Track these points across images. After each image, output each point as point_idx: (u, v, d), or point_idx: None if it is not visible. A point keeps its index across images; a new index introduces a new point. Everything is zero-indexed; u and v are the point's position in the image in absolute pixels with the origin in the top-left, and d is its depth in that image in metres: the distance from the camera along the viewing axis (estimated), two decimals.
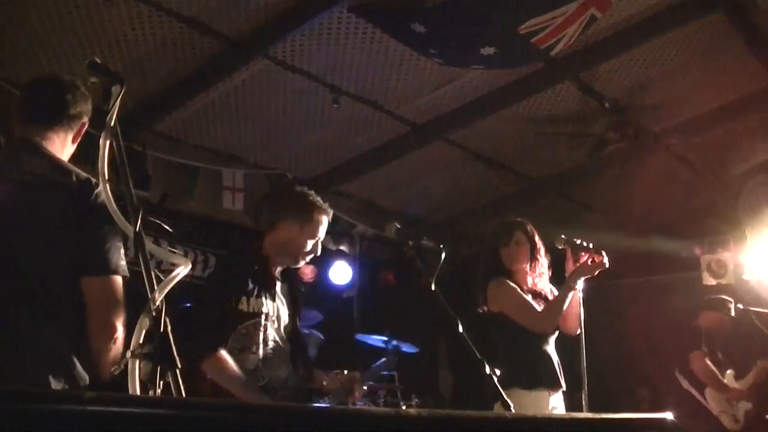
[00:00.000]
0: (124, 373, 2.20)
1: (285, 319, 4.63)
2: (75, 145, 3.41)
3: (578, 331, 5.22)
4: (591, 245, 5.30)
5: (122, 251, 3.10)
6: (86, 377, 3.03)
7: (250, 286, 4.41)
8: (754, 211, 8.92)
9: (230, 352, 4.22)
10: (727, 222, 9.39)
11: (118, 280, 3.08)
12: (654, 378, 9.60)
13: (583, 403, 5.06)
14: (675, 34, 6.88)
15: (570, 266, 5.29)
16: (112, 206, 2.46)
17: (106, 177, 2.47)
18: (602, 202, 10.12)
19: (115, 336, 3.02)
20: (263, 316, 4.39)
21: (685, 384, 7.54)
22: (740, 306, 7.74)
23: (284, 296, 4.69)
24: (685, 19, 6.65)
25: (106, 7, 5.72)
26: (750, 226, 8.99)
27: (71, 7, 5.69)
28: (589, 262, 5.23)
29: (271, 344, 4.42)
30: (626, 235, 7.99)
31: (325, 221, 4.80)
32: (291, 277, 4.83)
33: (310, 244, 4.67)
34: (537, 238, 5.55)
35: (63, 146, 3.31)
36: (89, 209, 3.05)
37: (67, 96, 3.30)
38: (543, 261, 5.55)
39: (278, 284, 4.64)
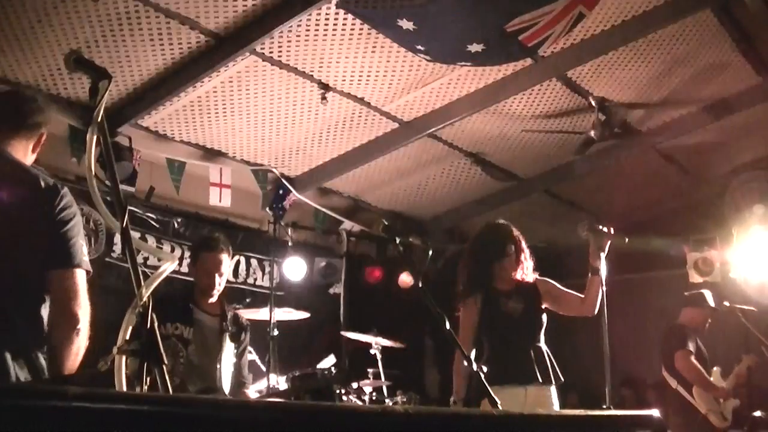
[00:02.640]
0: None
1: (213, 345, 5.41)
2: (35, 154, 3.63)
3: (594, 312, 5.37)
4: (612, 230, 5.41)
5: (85, 248, 3.33)
6: (45, 369, 3.18)
7: (168, 315, 5.21)
8: (739, 209, 8.97)
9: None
10: (714, 220, 9.43)
11: (81, 273, 3.27)
12: (639, 376, 9.64)
13: (606, 395, 5.14)
14: (662, 33, 6.89)
15: (593, 252, 5.42)
16: (99, 202, 2.46)
17: (93, 172, 2.46)
18: (588, 199, 10.14)
19: (77, 327, 3.20)
20: (174, 338, 5.20)
21: (673, 383, 7.56)
22: (726, 303, 7.78)
23: (216, 328, 5.45)
24: (672, 17, 6.66)
25: (92, 1, 5.70)
26: (736, 224, 9.03)
27: (57, 2, 5.67)
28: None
29: (181, 360, 5.16)
30: (606, 231, 8.00)
31: (215, 258, 5.50)
32: (223, 313, 5.59)
33: (205, 279, 5.47)
34: (522, 241, 5.66)
35: (25, 153, 3.53)
36: (55, 211, 3.27)
37: (25, 107, 3.58)
38: (528, 263, 5.66)
39: (207, 316, 5.48)
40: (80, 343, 3.20)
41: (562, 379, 5.43)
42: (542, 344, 5.54)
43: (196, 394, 5.05)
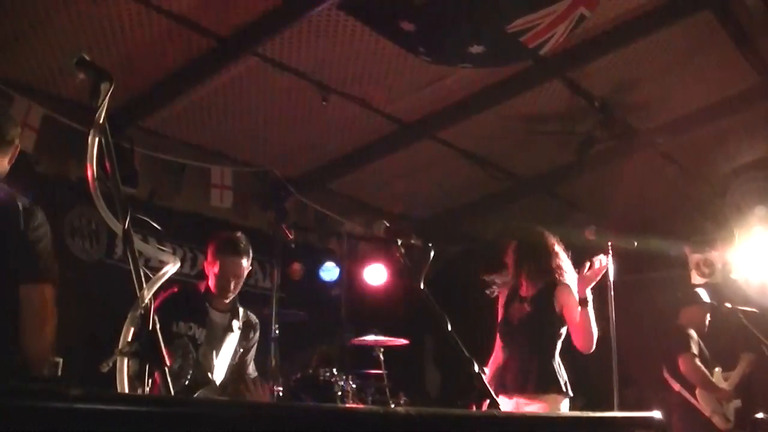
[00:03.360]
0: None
1: (220, 344, 5.34)
2: (9, 165, 3.79)
3: (591, 349, 5.37)
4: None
5: (55, 263, 3.60)
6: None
7: (181, 313, 5.18)
8: (740, 209, 8.95)
9: None
10: (714, 221, 9.41)
11: (49, 287, 3.54)
12: (640, 378, 9.63)
13: (615, 399, 5.16)
14: (663, 34, 6.89)
15: (582, 282, 5.44)
16: (101, 204, 2.46)
17: (95, 174, 2.46)
18: (589, 200, 10.13)
19: (44, 335, 3.48)
20: (186, 338, 5.12)
21: (676, 386, 7.56)
22: (728, 305, 7.77)
23: (223, 325, 5.42)
24: (672, 18, 6.66)
25: (94, 3, 5.71)
26: (737, 225, 9.02)
27: (59, 4, 5.67)
28: (587, 271, 5.38)
29: (189, 362, 5.05)
30: (613, 234, 8.04)
31: (235, 263, 5.39)
32: (235, 309, 5.53)
33: (223, 281, 5.36)
34: (513, 255, 5.77)
35: (1, 168, 3.70)
36: (29, 230, 3.52)
37: (4, 124, 3.75)
38: (526, 271, 5.74)
39: (218, 314, 5.40)
40: (46, 348, 3.47)
41: (565, 390, 5.40)
42: (545, 352, 5.51)
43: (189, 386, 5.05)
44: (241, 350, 5.47)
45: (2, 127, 3.72)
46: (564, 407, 5.42)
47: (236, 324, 5.44)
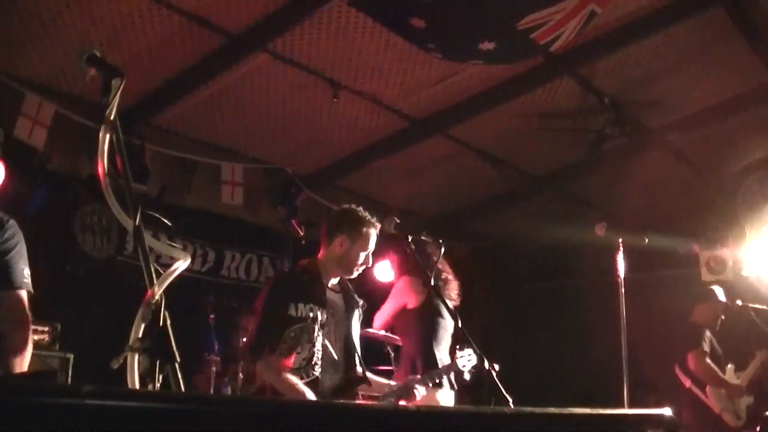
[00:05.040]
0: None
1: (342, 326, 4.94)
2: None
3: None
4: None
5: (27, 271, 3.75)
6: None
7: (300, 293, 4.75)
8: (752, 207, 8.93)
9: (281, 353, 4.60)
10: (726, 218, 9.39)
11: (23, 293, 3.70)
12: (652, 376, 9.62)
13: (624, 398, 5.18)
14: (674, 31, 6.87)
15: None
16: (112, 200, 2.46)
17: (106, 170, 2.46)
18: (600, 198, 10.11)
19: (23, 337, 3.67)
20: (310, 320, 4.69)
21: (687, 382, 7.55)
22: (739, 302, 7.76)
23: (342, 306, 5.01)
24: (684, 15, 6.64)
25: (105, 0, 5.72)
26: (748, 222, 9.00)
27: (71, 1, 5.69)
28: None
29: (318, 347, 4.71)
30: (624, 232, 8.02)
31: (373, 234, 5.00)
32: (346, 288, 5.12)
33: (362, 256, 4.93)
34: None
35: None
36: (1, 242, 3.70)
37: None
38: None
39: (334, 294, 4.99)
40: (26, 349, 3.64)
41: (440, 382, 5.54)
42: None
43: (336, 388, 4.79)
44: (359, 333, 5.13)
45: None
46: (441, 400, 5.44)
47: (352, 303, 5.08)
